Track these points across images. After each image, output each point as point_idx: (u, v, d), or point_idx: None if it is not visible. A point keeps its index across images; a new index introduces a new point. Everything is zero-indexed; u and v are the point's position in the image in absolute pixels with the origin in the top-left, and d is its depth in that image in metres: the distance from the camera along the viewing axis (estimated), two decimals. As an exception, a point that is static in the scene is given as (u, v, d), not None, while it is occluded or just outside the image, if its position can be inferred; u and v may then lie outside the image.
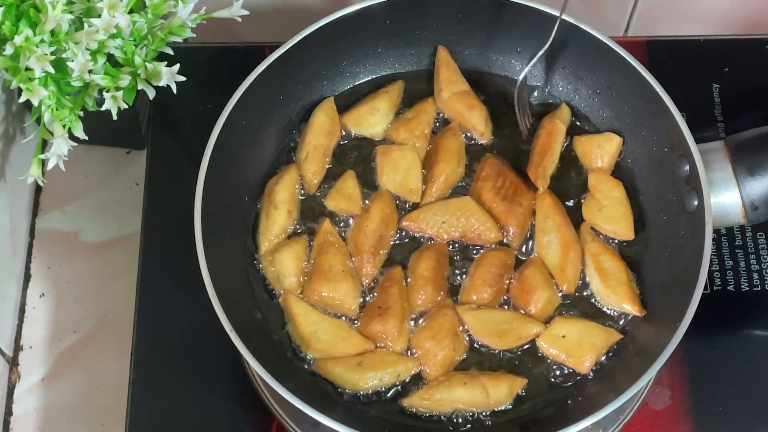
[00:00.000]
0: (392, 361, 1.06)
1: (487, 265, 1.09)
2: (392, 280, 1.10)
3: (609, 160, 1.15)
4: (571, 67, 1.17)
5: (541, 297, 1.08)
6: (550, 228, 1.11)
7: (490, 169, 1.14)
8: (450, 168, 1.14)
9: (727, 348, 1.16)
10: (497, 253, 1.11)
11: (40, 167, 1.11)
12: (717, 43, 1.31)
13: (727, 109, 1.27)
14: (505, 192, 1.12)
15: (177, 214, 1.09)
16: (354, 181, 1.14)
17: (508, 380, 1.05)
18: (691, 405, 1.13)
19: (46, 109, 1.07)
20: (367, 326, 1.07)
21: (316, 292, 1.08)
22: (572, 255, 1.09)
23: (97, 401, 1.19)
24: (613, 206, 1.12)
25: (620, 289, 1.08)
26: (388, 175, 1.14)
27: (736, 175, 1.06)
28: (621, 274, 1.08)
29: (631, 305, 1.07)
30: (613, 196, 1.12)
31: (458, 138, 1.16)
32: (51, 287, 1.25)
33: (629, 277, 1.09)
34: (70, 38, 1.05)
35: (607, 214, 1.12)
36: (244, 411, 1.13)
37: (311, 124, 1.16)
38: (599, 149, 1.15)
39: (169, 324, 1.16)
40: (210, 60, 1.30)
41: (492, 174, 1.13)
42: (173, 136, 1.27)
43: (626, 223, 1.11)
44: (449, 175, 1.14)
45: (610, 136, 1.15)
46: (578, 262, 1.10)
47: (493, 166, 1.14)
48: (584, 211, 1.13)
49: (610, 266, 1.09)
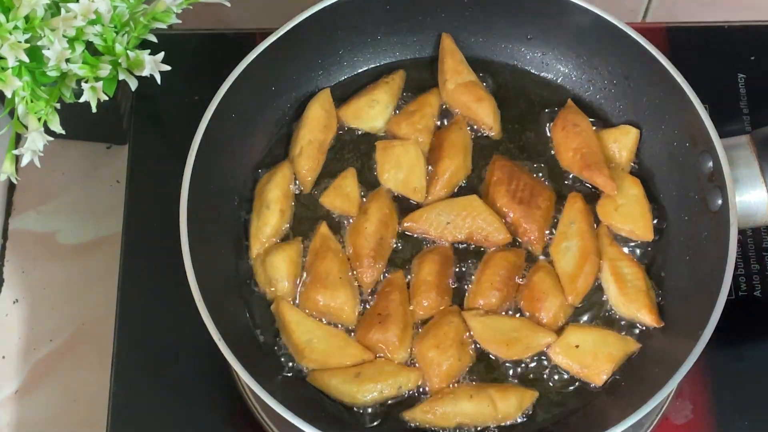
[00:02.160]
0: (392, 372, 1.05)
1: (494, 266, 1.09)
2: (393, 285, 1.09)
3: (627, 155, 1.14)
4: (586, 55, 1.17)
5: (552, 304, 1.07)
6: (573, 234, 1.10)
7: (501, 172, 1.13)
8: (455, 164, 1.13)
9: (752, 358, 1.16)
10: (506, 254, 1.10)
11: (13, 163, 1.11)
12: (742, 29, 1.32)
13: (753, 101, 1.27)
14: (521, 195, 1.11)
15: (161, 214, 1.09)
16: (354, 180, 1.13)
17: (517, 393, 1.05)
18: (715, 419, 1.13)
19: (20, 100, 1.07)
20: (366, 334, 1.07)
21: (312, 300, 1.08)
22: (588, 267, 1.08)
23: (74, 415, 1.19)
24: (631, 205, 1.11)
25: (637, 297, 1.07)
26: (390, 172, 1.13)
27: (763, 172, 1.06)
28: (639, 282, 1.08)
29: (647, 315, 1.07)
30: (630, 194, 1.12)
31: (464, 132, 1.15)
32: (25, 293, 1.25)
33: (648, 285, 1.08)
34: (45, 24, 1.04)
35: (625, 213, 1.11)
36: (233, 425, 1.13)
37: (306, 117, 1.16)
38: (615, 144, 1.14)
39: (153, 332, 1.16)
40: (197, 48, 1.30)
41: (504, 177, 1.12)
42: (157, 130, 1.27)
43: (645, 222, 1.11)
44: (454, 172, 1.13)
45: (627, 128, 1.15)
46: (592, 276, 1.09)
47: (503, 169, 1.13)
48: (599, 211, 1.12)
49: (628, 272, 1.08)
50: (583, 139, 1.13)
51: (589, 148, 1.13)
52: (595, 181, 1.12)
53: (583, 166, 1.12)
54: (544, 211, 1.11)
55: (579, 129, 1.14)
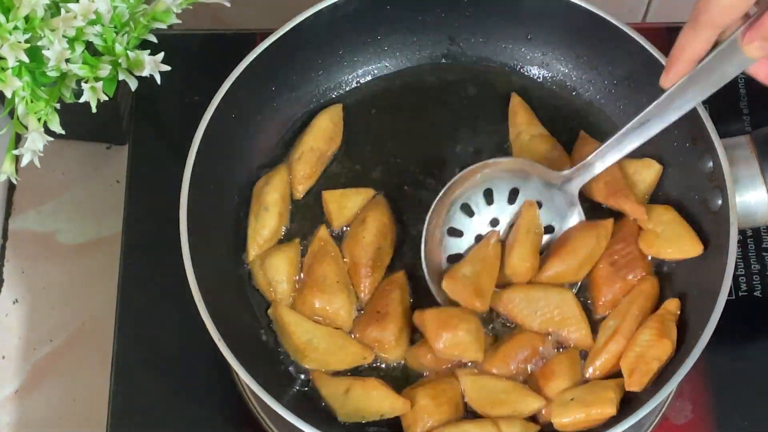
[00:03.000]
0: (378, 400, 1.03)
1: (517, 342, 1.06)
2: (394, 284, 1.09)
3: (645, 189, 1.12)
4: (586, 56, 1.17)
5: (559, 386, 1.04)
6: (621, 313, 1.06)
7: (618, 229, 1.10)
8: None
9: (753, 358, 1.16)
10: (532, 337, 1.07)
11: (13, 164, 1.11)
12: (742, 29, 1.31)
13: (753, 101, 1.27)
14: (617, 258, 1.09)
15: (161, 214, 1.09)
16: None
17: (521, 425, 1.03)
18: (715, 419, 1.13)
19: (20, 101, 1.07)
20: (364, 331, 1.07)
21: (308, 304, 1.08)
22: (612, 347, 1.04)
23: (74, 415, 1.19)
24: (671, 228, 1.09)
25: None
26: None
27: (763, 172, 1.06)
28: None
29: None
30: (666, 219, 1.09)
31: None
32: (25, 293, 1.25)
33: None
34: (45, 25, 1.04)
35: (668, 238, 1.08)
36: (233, 425, 1.13)
37: (313, 125, 1.16)
38: (635, 175, 1.12)
39: (153, 332, 1.16)
40: (197, 48, 1.30)
41: (617, 234, 1.10)
42: (157, 130, 1.27)
43: (690, 237, 1.07)
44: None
45: (649, 162, 1.12)
46: (614, 358, 1.04)
47: (623, 228, 1.10)
48: (642, 246, 1.09)
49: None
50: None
51: (612, 176, 1.10)
52: (622, 208, 1.10)
53: (608, 194, 1.10)
54: (626, 286, 1.08)
55: None
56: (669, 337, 1.02)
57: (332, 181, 1.15)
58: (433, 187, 1.13)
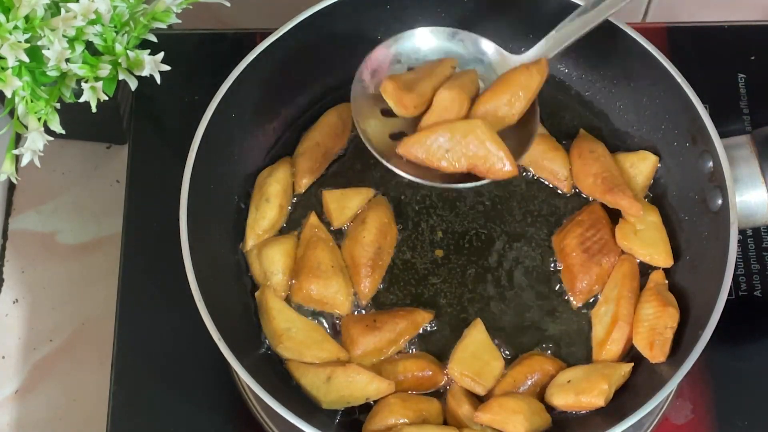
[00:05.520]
0: (362, 384, 1.03)
1: (527, 367, 1.07)
2: (409, 321, 1.08)
3: (643, 181, 1.13)
4: (585, 56, 1.17)
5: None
6: (612, 299, 1.08)
7: (587, 216, 1.12)
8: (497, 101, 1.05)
9: (753, 358, 1.16)
10: (542, 360, 1.07)
11: (13, 163, 1.11)
12: (742, 29, 1.32)
13: (753, 101, 1.27)
14: (590, 245, 1.10)
15: (161, 213, 1.09)
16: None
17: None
18: (715, 419, 1.13)
19: (20, 100, 1.07)
20: (355, 332, 1.07)
21: (304, 290, 1.08)
22: (616, 335, 1.06)
23: (74, 415, 1.19)
24: (650, 231, 1.10)
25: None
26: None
27: (763, 172, 1.07)
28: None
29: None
30: (649, 221, 1.11)
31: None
32: (25, 293, 1.25)
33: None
34: (45, 24, 1.04)
35: (644, 239, 1.10)
36: (233, 425, 1.13)
37: (321, 121, 1.17)
38: (632, 169, 1.13)
39: (153, 332, 1.16)
40: (197, 48, 1.30)
41: (586, 220, 1.11)
42: (157, 129, 1.27)
43: (664, 247, 1.10)
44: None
45: (645, 154, 1.14)
46: (621, 342, 1.06)
47: (592, 214, 1.12)
48: (618, 235, 1.10)
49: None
50: (601, 164, 1.12)
51: (609, 172, 1.11)
52: (618, 204, 1.11)
53: (605, 190, 1.11)
54: (603, 271, 1.09)
55: (596, 155, 1.13)
56: (672, 305, 1.05)
57: (334, 180, 1.16)
58: (434, 187, 1.13)
